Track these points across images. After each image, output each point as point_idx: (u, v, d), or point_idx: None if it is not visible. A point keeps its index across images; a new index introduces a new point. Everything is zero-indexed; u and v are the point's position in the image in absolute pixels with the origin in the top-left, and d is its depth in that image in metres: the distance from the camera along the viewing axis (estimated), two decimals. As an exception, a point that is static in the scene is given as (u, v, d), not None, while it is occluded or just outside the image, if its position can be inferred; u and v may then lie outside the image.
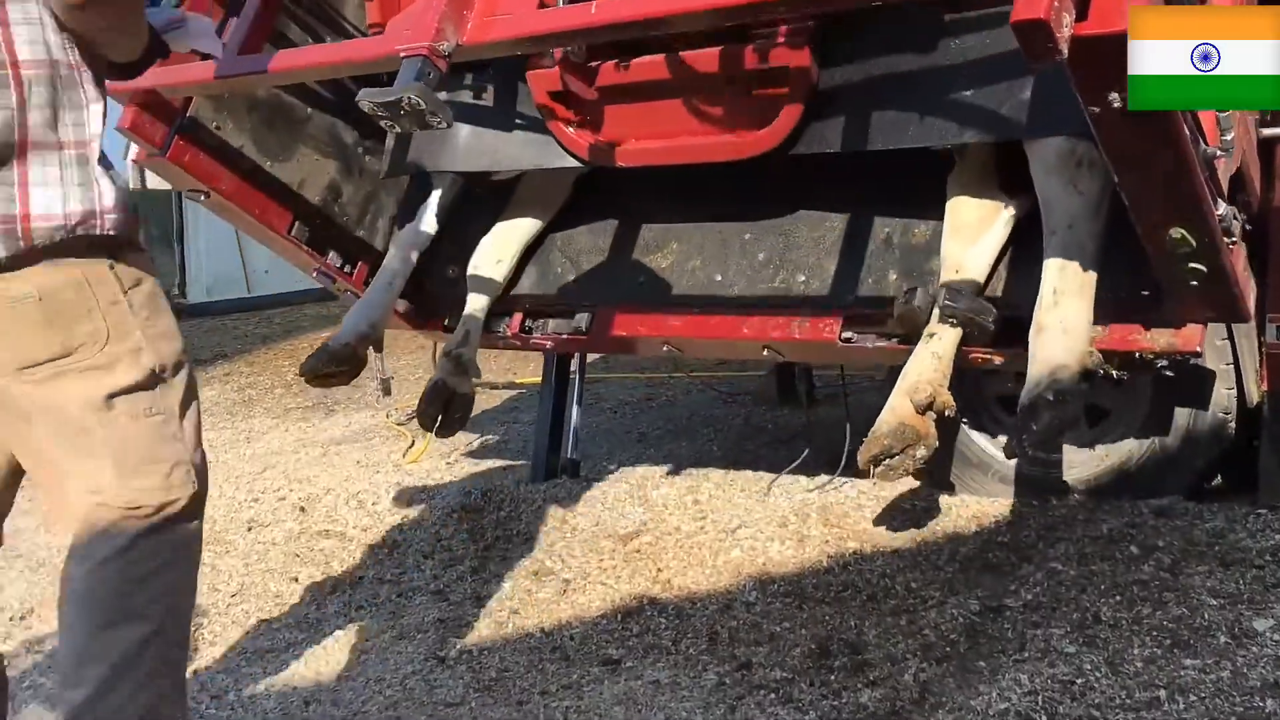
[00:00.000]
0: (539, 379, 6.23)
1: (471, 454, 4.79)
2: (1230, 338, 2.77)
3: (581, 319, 3.28)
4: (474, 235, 3.44)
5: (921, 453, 2.50)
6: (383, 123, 2.28)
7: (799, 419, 4.72)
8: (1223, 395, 2.80)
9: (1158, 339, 2.41)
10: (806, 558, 2.96)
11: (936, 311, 2.58)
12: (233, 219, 3.31)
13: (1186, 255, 2.17)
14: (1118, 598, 2.46)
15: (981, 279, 2.59)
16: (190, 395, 1.93)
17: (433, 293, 3.54)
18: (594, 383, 5.51)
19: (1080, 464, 3.03)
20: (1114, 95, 1.87)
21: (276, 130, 3.31)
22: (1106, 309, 2.44)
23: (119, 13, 1.82)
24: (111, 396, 1.80)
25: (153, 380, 1.85)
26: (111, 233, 1.81)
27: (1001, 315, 2.54)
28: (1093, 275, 2.39)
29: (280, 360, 8.26)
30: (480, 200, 3.52)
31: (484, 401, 5.97)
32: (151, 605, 1.82)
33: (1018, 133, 2.43)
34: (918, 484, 3.27)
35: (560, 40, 2.54)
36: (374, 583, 3.33)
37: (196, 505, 1.90)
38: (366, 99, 2.24)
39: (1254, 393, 2.80)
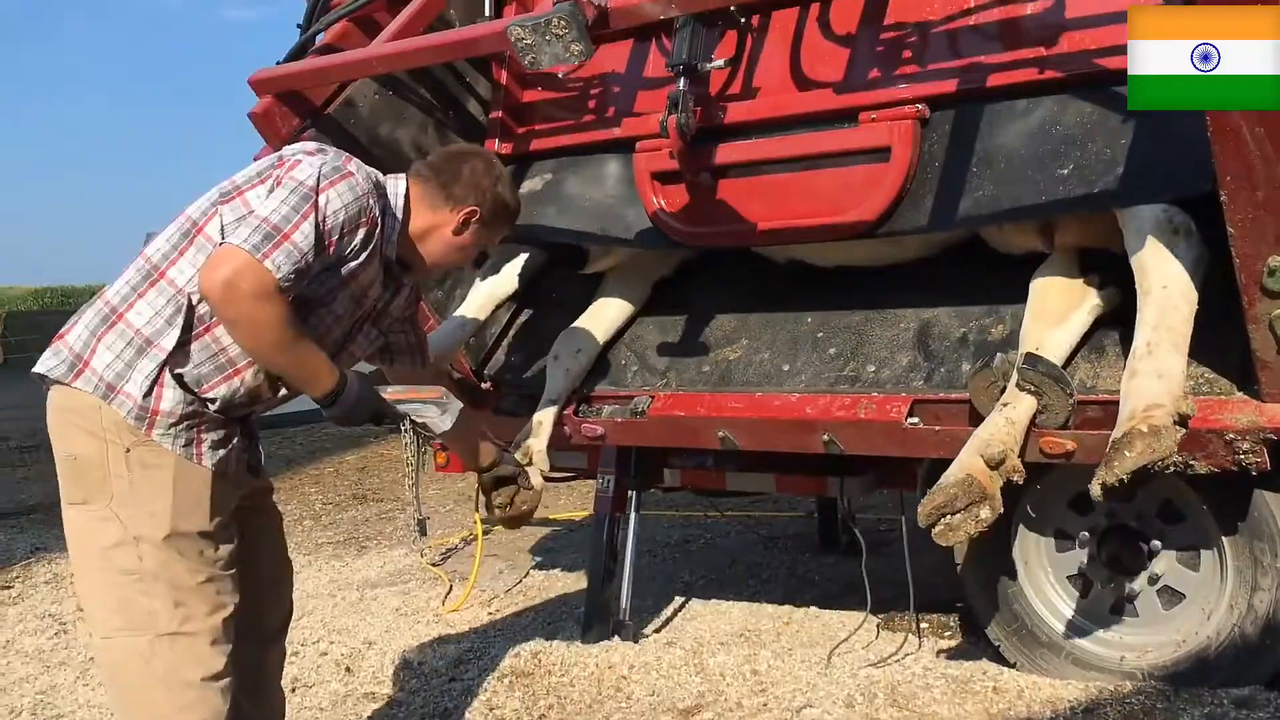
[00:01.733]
0: (573, 514, 6.24)
1: (513, 602, 4.72)
2: (1308, 528, 2.75)
3: (638, 403, 3.31)
4: (540, 329, 3.63)
5: (985, 514, 2.49)
6: (525, 56, 2.48)
7: (845, 568, 4.67)
8: (1303, 584, 2.76)
9: (1241, 417, 2.42)
10: (879, 743, 2.90)
11: (1013, 379, 2.61)
12: None
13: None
14: (1212, 805, 2.39)
15: (1060, 361, 2.62)
16: (171, 572, 2.24)
17: (493, 378, 3.66)
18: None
19: (1156, 649, 2.98)
20: None
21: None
22: (1190, 387, 2.48)
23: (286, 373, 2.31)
24: (105, 546, 2.26)
25: (133, 547, 2.24)
26: (133, 423, 2.23)
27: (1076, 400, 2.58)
28: (1186, 333, 2.43)
29: (306, 487, 8.21)
30: (550, 301, 3.70)
31: (518, 540, 5.92)
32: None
33: (1114, 204, 2.53)
34: (987, 662, 3.22)
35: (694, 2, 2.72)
36: (427, 764, 3.25)
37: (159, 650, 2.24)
38: (515, 25, 2.46)
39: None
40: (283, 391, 2.39)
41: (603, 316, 3.51)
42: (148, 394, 2.23)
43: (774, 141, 3.06)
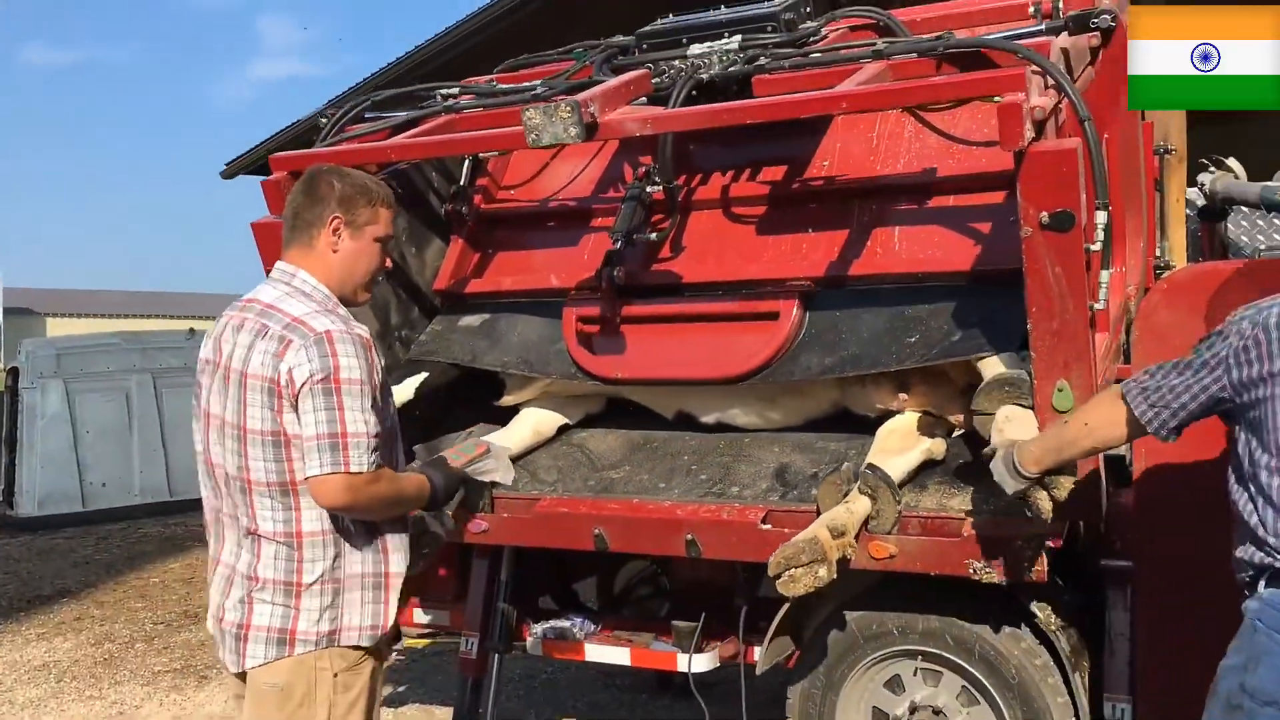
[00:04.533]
0: (415, 642, 6.41)
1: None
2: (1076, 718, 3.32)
3: (522, 505, 3.70)
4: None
5: (823, 573, 2.98)
6: (530, 134, 2.99)
7: (680, 711, 5.04)
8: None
9: (1026, 528, 3.00)
10: None
11: (856, 487, 3.17)
12: None
13: (1064, 411, 2.85)
14: None
15: (895, 481, 3.19)
16: None
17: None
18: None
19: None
20: (1044, 215, 2.70)
21: None
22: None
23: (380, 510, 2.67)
24: None
25: None
26: (349, 645, 2.61)
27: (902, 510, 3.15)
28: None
29: (132, 601, 8.03)
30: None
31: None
32: None
33: (944, 359, 3.21)
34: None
35: (662, 125, 3.27)
36: None
37: None
38: (529, 109, 2.98)
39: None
40: None
41: (511, 435, 3.90)
42: (374, 615, 2.64)
43: (685, 302, 3.73)
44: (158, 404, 11.86)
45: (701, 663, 3.87)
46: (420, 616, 4.56)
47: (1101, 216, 2.89)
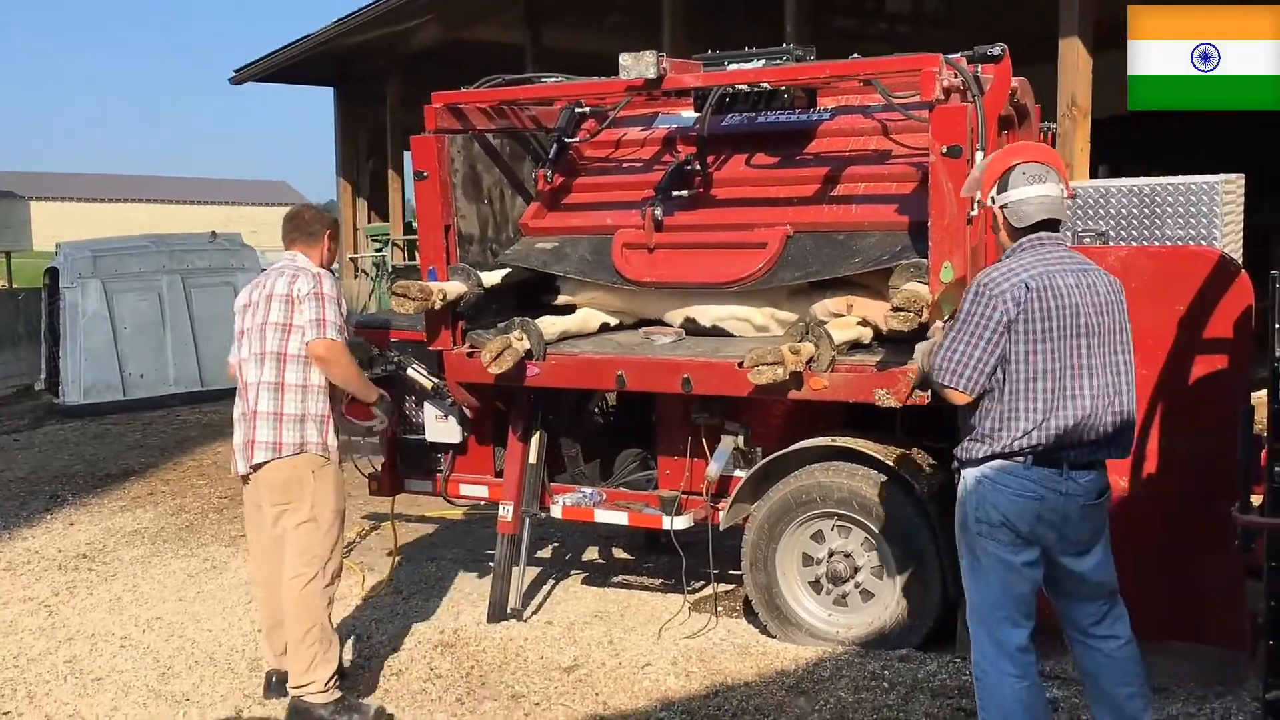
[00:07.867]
0: (447, 513, 7.75)
1: (419, 590, 6.24)
2: (939, 559, 4.73)
3: (566, 356, 5.23)
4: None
5: (780, 372, 4.50)
6: (622, 72, 4.79)
7: (665, 563, 6.42)
8: (937, 593, 4.75)
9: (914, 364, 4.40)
10: (693, 688, 4.72)
11: (806, 337, 4.62)
12: (422, 197, 5.42)
13: (948, 288, 4.29)
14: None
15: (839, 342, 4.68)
16: (335, 518, 4.60)
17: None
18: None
19: (857, 626, 4.94)
20: (943, 147, 4.31)
21: (472, 183, 5.53)
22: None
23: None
24: (298, 522, 4.49)
25: (314, 516, 4.51)
26: (319, 454, 4.54)
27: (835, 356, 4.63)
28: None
29: (193, 478, 9.32)
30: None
31: (406, 536, 7.37)
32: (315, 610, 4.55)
33: (876, 266, 4.74)
34: (759, 635, 5.11)
35: (710, 80, 5.10)
36: (396, 709, 4.83)
37: (328, 573, 4.58)
38: (625, 55, 4.76)
39: (953, 590, 4.76)
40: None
41: (565, 321, 5.48)
42: (321, 435, 4.53)
43: (701, 233, 5.28)
44: (187, 302, 13.07)
45: (680, 523, 5.28)
46: (466, 490, 5.95)
47: (979, 156, 4.33)
